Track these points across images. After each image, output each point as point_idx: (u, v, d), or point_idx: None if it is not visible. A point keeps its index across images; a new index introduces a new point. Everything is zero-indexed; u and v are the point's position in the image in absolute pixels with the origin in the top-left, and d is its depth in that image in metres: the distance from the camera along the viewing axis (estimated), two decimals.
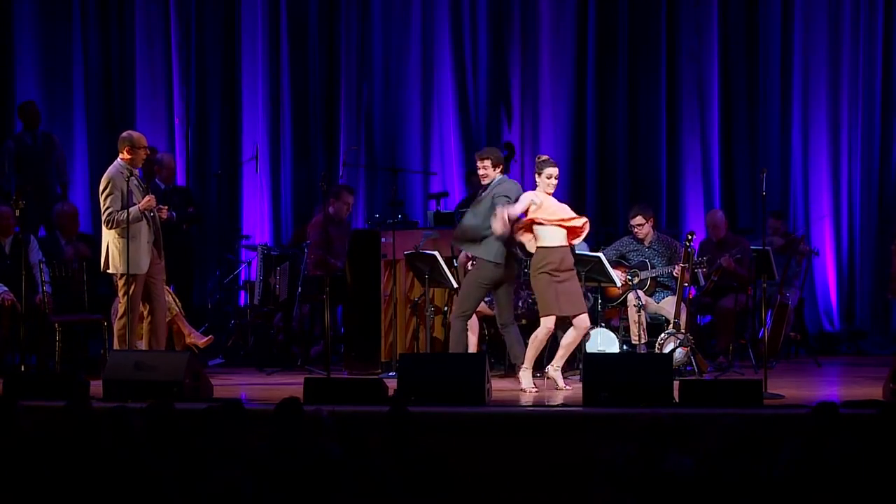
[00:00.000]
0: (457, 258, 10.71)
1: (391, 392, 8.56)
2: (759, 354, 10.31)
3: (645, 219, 10.66)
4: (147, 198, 9.47)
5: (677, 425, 5.98)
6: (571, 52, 12.81)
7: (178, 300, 10.59)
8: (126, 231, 9.30)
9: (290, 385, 9.42)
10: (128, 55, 13.05)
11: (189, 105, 13.01)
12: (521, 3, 12.84)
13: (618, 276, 10.29)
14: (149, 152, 9.92)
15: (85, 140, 13.02)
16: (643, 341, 10.18)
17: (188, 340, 10.29)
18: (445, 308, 10.52)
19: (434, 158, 12.95)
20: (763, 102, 12.63)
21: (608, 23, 12.76)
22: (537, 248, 9.29)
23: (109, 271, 9.55)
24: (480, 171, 9.55)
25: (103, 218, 9.44)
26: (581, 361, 9.40)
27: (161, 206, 9.64)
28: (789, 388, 9.15)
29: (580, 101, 12.81)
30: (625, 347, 10.33)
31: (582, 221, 9.28)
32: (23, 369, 9.82)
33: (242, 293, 12.36)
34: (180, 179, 12.68)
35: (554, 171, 9.27)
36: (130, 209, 9.36)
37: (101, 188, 9.50)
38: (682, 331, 10.02)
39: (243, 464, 5.63)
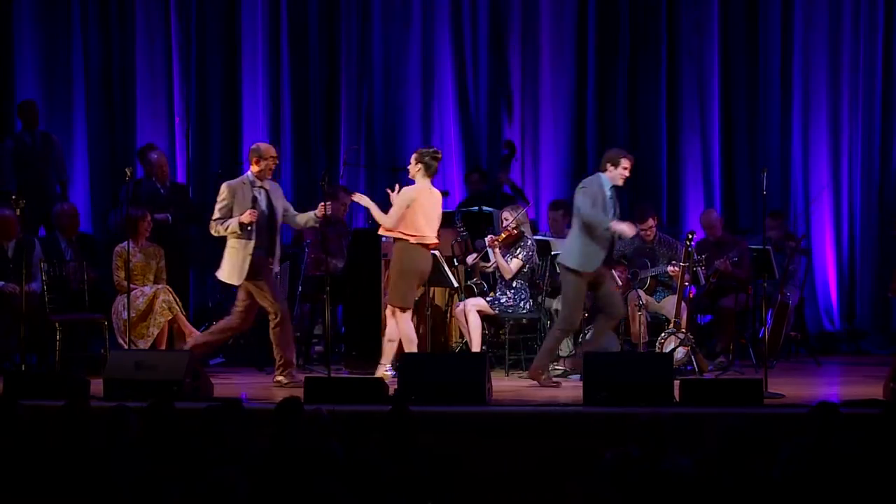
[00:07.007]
0: (457, 258, 10.71)
1: (392, 391, 8.56)
2: (759, 354, 10.30)
3: (654, 220, 10.67)
4: (248, 212, 9.53)
5: (677, 425, 5.99)
6: (572, 51, 12.81)
7: (178, 299, 10.59)
8: (229, 239, 9.53)
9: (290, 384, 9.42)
10: (128, 55, 13.04)
11: (189, 104, 12.99)
12: (521, 2, 12.84)
13: (618, 275, 10.28)
14: (277, 161, 9.99)
15: (85, 140, 13.00)
16: (644, 341, 10.18)
17: (188, 340, 10.28)
18: (446, 307, 10.51)
19: None
20: (763, 102, 12.62)
21: (608, 21, 12.75)
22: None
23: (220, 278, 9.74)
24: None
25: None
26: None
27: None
28: (789, 388, 9.14)
29: (580, 100, 12.80)
30: (625, 347, 10.33)
31: None
32: (23, 369, 9.81)
33: None
34: (181, 178, 12.67)
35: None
36: (230, 220, 9.51)
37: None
38: (683, 330, 10.02)
39: (243, 463, 5.62)
